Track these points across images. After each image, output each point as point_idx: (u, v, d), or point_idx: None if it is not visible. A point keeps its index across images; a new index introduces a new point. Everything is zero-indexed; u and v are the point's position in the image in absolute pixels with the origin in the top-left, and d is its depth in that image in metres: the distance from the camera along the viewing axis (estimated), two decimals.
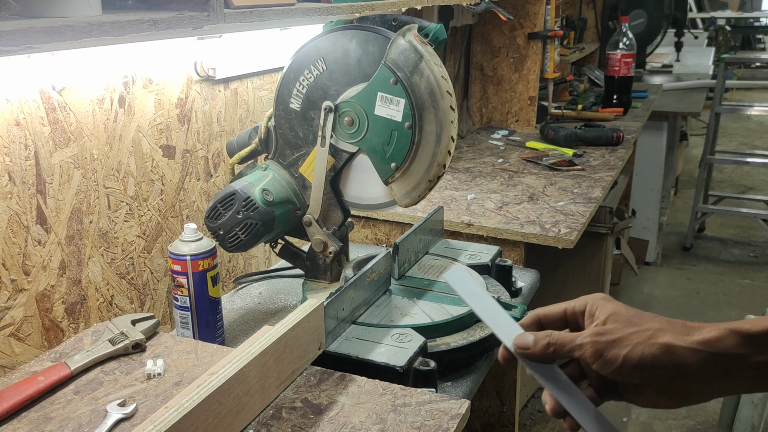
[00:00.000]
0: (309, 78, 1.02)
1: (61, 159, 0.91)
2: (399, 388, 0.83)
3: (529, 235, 1.34)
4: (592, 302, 0.54)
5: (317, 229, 1.08)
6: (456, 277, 0.60)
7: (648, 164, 3.11)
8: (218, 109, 1.19)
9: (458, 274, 0.61)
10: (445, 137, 0.97)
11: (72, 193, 0.94)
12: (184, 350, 0.92)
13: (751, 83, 5.17)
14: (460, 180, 1.72)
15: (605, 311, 0.53)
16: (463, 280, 0.60)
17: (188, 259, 0.95)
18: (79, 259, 0.96)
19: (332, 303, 0.89)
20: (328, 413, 0.78)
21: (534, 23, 2.18)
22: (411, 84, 0.95)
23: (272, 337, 0.79)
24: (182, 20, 0.70)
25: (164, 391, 0.83)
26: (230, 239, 1.02)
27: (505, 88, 2.27)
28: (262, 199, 1.02)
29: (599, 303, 0.54)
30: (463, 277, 0.60)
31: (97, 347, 0.89)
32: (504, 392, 1.31)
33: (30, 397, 0.80)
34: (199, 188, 1.17)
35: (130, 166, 1.02)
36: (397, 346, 0.89)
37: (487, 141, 2.15)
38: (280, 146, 1.07)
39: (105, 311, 1.01)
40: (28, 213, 0.88)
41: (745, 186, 4.50)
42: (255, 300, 1.20)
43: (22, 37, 0.55)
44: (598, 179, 1.73)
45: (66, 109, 0.91)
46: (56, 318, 0.94)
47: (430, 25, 1.00)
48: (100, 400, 0.81)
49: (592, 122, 2.39)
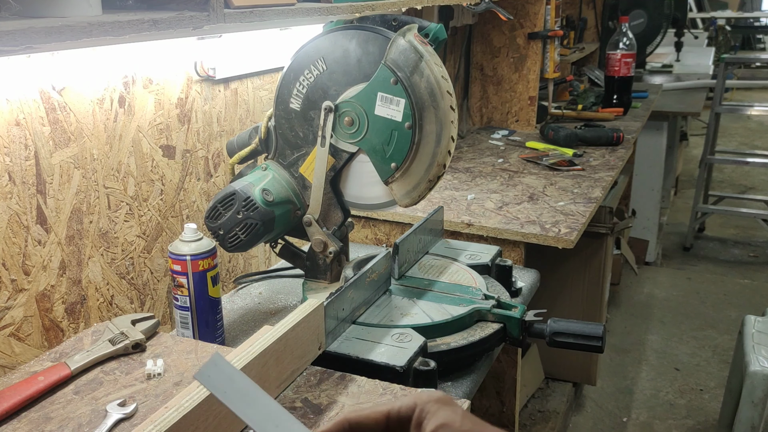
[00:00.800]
0: (309, 78, 1.02)
1: (61, 159, 0.91)
2: (399, 388, 0.83)
3: (529, 235, 1.34)
4: (423, 407, 0.41)
5: (317, 229, 1.08)
6: (210, 373, 0.39)
7: (648, 164, 3.11)
8: (218, 109, 1.19)
9: (212, 368, 0.39)
10: (445, 137, 0.97)
11: (72, 193, 0.94)
12: (184, 350, 0.92)
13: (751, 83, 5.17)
14: (460, 180, 1.72)
15: (436, 420, 0.40)
16: (221, 373, 0.39)
17: (188, 259, 0.95)
18: (79, 259, 0.96)
19: (332, 303, 0.89)
20: (329, 413, 0.78)
21: (534, 23, 2.18)
22: (411, 84, 0.95)
23: (272, 337, 0.79)
24: (182, 20, 0.70)
25: (164, 391, 0.83)
26: (230, 239, 1.02)
27: (505, 88, 2.27)
28: (262, 199, 1.02)
29: (431, 408, 0.41)
30: (220, 371, 0.39)
31: (97, 347, 0.89)
32: (504, 392, 1.31)
33: (30, 397, 0.79)
34: (199, 188, 1.17)
35: (130, 166, 1.02)
36: (397, 346, 0.89)
37: (487, 141, 2.15)
38: (280, 146, 1.07)
39: (105, 311, 1.01)
40: (28, 213, 0.88)
41: (745, 186, 4.50)
42: (255, 300, 1.19)
43: (22, 37, 0.55)
44: (598, 179, 1.73)
45: (66, 109, 0.91)
46: (56, 318, 0.94)
47: (430, 25, 1.00)
48: (100, 400, 0.81)
49: (592, 122, 2.39)
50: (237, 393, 0.39)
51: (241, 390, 0.39)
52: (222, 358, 0.40)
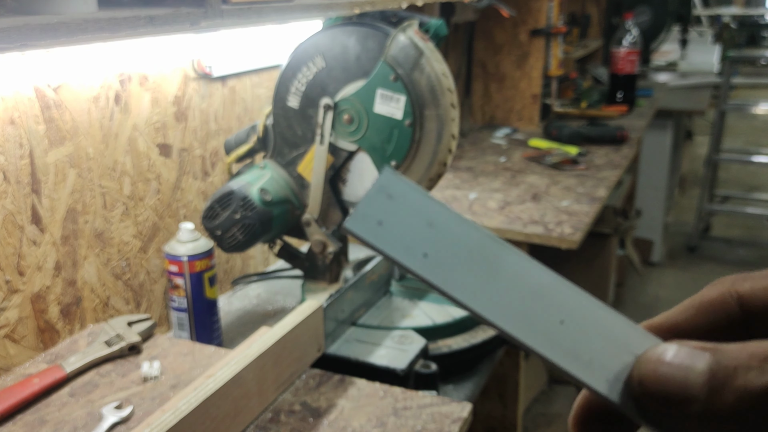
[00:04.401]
0: (308, 75, 1.00)
1: (57, 158, 0.90)
2: (400, 391, 0.81)
3: (532, 235, 1.32)
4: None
5: (316, 229, 1.06)
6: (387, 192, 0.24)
7: (653, 163, 3.09)
8: (215, 107, 1.18)
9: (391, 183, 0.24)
10: (446, 135, 0.95)
11: (67, 192, 0.92)
12: (180, 352, 0.91)
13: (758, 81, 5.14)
14: (461, 179, 1.70)
15: None
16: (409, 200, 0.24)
17: (185, 260, 0.93)
18: (75, 259, 0.95)
19: (332, 304, 0.88)
20: (328, 417, 0.77)
21: (537, 20, 2.16)
22: (411, 81, 0.93)
23: (270, 339, 0.77)
24: (179, 17, 0.69)
25: (161, 394, 0.81)
26: (228, 239, 1.01)
27: (507, 85, 2.25)
28: (260, 198, 1.00)
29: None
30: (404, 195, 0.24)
31: (93, 349, 0.88)
32: (506, 395, 1.30)
33: (25, 400, 0.79)
34: (196, 187, 1.16)
35: (126, 165, 1.01)
36: (397, 349, 0.87)
37: (490, 139, 2.14)
38: (279, 145, 1.05)
39: (101, 312, 1.00)
40: (23, 213, 0.87)
41: (751, 185, 4.47)
42: (253, 301, 1.18)
43: (17, 34, 0.55)
44: (603, 178, 1.71)
45: (61, 107, 0.90)
46: (51, 319, 0.93)
47: (431, 21, 0.99)
48: (96, 403, 0.80)
49: (596, 120, 2.37)
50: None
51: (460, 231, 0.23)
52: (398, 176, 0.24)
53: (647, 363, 0.22)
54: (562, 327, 0.23)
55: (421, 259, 0.23)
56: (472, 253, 0.23)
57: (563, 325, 0.23)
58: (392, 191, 0.24)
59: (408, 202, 0.24)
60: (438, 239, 0.23)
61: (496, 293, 0.23)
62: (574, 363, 0.23)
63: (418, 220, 0.24)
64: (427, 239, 0.23)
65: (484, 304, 0.23)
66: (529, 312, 0.23)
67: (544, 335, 0.23)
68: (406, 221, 0.23)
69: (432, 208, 0.24)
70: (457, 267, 0.23)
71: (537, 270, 0.24)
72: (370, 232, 0.23)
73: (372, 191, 0.24)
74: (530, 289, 0.23)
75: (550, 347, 0.23)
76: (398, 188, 0.24)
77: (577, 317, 0.23)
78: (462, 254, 0.23)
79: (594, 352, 0.23)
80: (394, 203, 0.24)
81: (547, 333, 0.23)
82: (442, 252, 0.23)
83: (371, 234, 0.23)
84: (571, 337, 0.23)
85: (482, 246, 0.23)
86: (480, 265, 0.23)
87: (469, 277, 0.23)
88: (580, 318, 0.23)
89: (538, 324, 0.23)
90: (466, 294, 0.23)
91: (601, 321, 0.23)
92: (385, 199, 0.24)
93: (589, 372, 0.23)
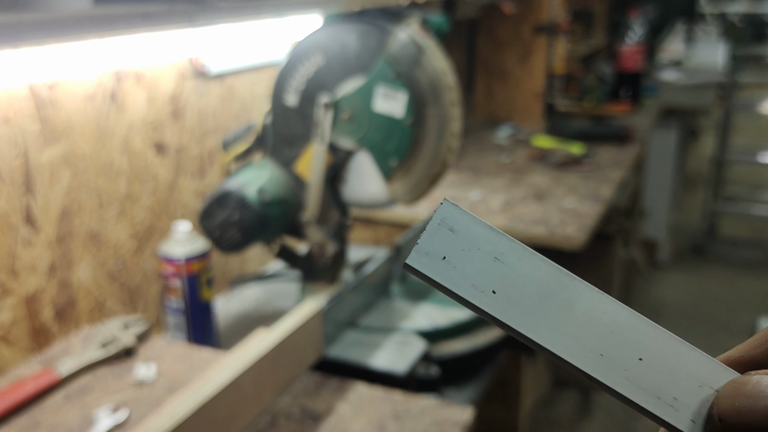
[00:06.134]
0: (307, 73, 0.98)
1: (51, 157, 0.89)
2: (400, 394, 0.80)
3: (535, 236, 1.30)
4: None
5: (315, 230, 1.04)
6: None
7: (658, 162, 3.06)
8: (212, 105, 1.16)
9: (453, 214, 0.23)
10: (447, 133, 0.93)
11: (62, 192, 0.91)
12: (177, 355, 0.89)
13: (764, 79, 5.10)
14: (463, 178, 1.68)
15: None
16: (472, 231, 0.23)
17: (181, 261, 0.92)
18: (70, 260, 0.93)
19: (331, 306, 0.86)
20: (327, 421, 0.76)
21: (540, 17, 2.14)
22: (412, 78, 0.92)
23: (268, 341, 0.76)
24: (175, 13, 0.68)
25: (157, 397, 0.80)
26: (225, 240, 0.99)
27: (510, 83, 2.23)
28: (258, 198, 0.99)
29: None
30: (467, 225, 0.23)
31: (88, 352, 0.87)
32: (509, 399, 1.28)
33: (19, 403, 0.78)
34: (193, 187, 1.14)
35: (122, 165, 1.00)
36: (398, 351, 0.86)
37: (492, 137, 2.11)
38: (277, 143, 1.04)
39: (96, 314, 0.99)
40: (17, 213, 0.86)
41: (757, 185, 4.43)
42: (251, 303, 1.17)
43: (10, 31, 0.54)
44: (607, 177, 1.68)
45: (56, 105, 0.88)
46: (46, 321, 0.91)
47: (433, 17, 0.97)
48: (91, 406, 0.79)
49: (600, 118, 2.35)
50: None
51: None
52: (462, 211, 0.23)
53: (725, 398, 0.21)
54: (642, 365, 0.22)
55: (491, 297, 0.22)
56: (542, 288, 0.22)
57: (642, 362, 0.22)
58: (454, 224, 0.23)
59: (472, 235, 0.23)
60: (506, 275, 0.22)
61: (571, 331, 0.22)
62: (658, 403, 0.22)
63: (484, 255, 0.22)
64: (494, 275, 0.22)
65: (560, 344, 0.22)
66: (607, 350, 0.22)
67: (624, 375, 0.22)
68: (472, 256, 0.22)
69: (497, 241, 0.23)
70: (528, 304, 0.22)
71: (610, 304, 0.23)
72: (435, 270, 0.22)
73: (432, 225, 0.22)
74: (605, 325, 0.22)
75: (632, 388, 0.22)
76: (460, 221, 0.23)
77: (654, 354, 0.22)
78: (532, 290, 0.22)
79: (676, 391, 0.22)
80: (457, 237, 0.22)
81: (626, 372, 0.22)
82: (511, 288, 0.22)
83: (436, 272, 0.22)
84: (651, 376, 0.22)
85: (552, 280, 0.23)
86: (552, 302, 0.22)
87: (541, 314, 0.22)
88: (657, 354, 0.22)
89: (617, 363, 0.22)
90: (541, 334, 0.22)
91: (679, 356, 0.22)
92: (448, 232, 0.22)
93: (673, 412, 0.22)
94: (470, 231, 0.22)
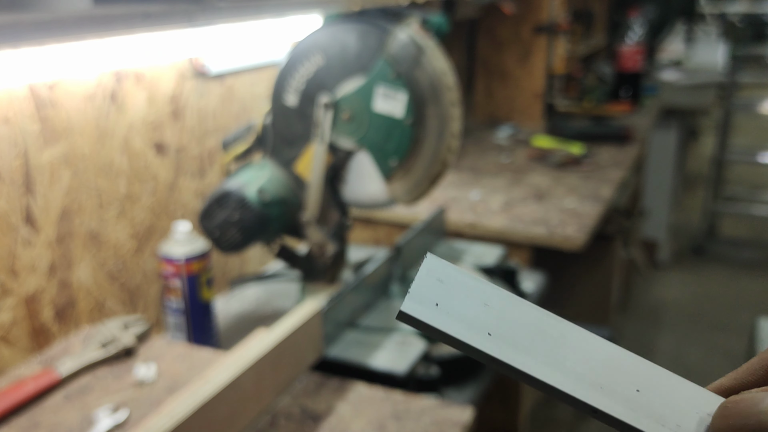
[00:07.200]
0: (307, 73, 0.98)
1: (51, 157, 0.89)
2: (400, 394, 0.80)
3: (535, 236, 1.30)
4: None
5: (315, 230, 1.04)
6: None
7: (658, 162, 3.06)
8: (212, 105, 1.16)
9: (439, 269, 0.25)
10: (447, 133, 0.93)
11: (62, 192, 0.91)
12: (177, 355, 0.89)
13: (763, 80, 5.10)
14: (463, 178, 1.68)
15: None
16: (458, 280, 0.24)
17: (181, 261, 0.92)
18: (70, 260, 0.93)
19: (331, 306, 0.86)
20: (327, 421, 0.76)
21: (540, 17, 2.14)
22: (412, 78, 0.92)
23: (268, 341, 0.76)
24: (175, 13, 0.68)
25: (157, 398, 0.80)
26: (225, 240, 0.99)
27: (510, 83, 2.23)
28: (258, 198, 0.99)
29: None
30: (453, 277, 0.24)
31: (88, 352, 0.87)
32: (509, 399, 1.28)
33: (18, 403, 0.78)
34: (193, 187, 1.14)
35: (122, 165, 1.00)
36: (398, 352, 0.86)
37: (492, 138, 2.12)
38: (277, 143, 1.04)
39: (96, 314, 0.99)
40: (17, 213, 0.86)
41: (757, 185, 4.43)
42: (251, 303, 1.17)
43: (10, 31, 0.54)
44: (607, 177, 1.68)
45: (56, 105, 0.88)
46: (46, 321, 0.91)
47: (433, 17, 0.97)
48: (91, 407, 0.78)
49: (600, 118, 2.35)
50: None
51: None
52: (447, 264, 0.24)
53: (720, 418, 0.23)
54: (640, 395, 0.23)
55: (488, 339, 0.23)
56: (533, 329, 0.24)
57: (640, 393, 0.23)
58: (440, 275, 0.24)
59: (459, 284, 0.24)
60: (497, 318, 0.23)
61: (570, 367, 0.23)
62: (663, 430, 0.23)
63: (474, 301, 0.24)
64: (486, 319, 0.23)
65: (562, 379, 0.23)
66: (606, 383, 0.23)
67: (626, 405, 0.23)
68: (462, 303, 0.23)
69: (483, 289, 0.24)
70: (524, 344, 0.23)
71: (599, 342, 0.24)
72: (430, 315, 0.23)
73: (421, 275, 0.24)
74: (598, 360, 0.23)
75: (636, 416, 0.23)
76: (446, 272, 0.24)
77: (649, 385, 0.23)
78: (524, 331, 0.23)
79: (676, 418, 0.23)
80: (446, 286, 0.24)
81: (628, 402, 0.23)
82: (505, 330, 0.23)
83: (431, 317, 0.23)
84: (651, 404, 0.23)
85: (541, 321, 0.24)
86: (545, 341, 0.23)
87: (539, 353, 0.23)
88: (652, 385, 0.24)
89: (617, 394, 0.23)
90: (543, 371, 0.23)
91: (672, 387, 0.24)
92: (436, 282, 0.24)
93: None
94: (456, 280, 0.24)
